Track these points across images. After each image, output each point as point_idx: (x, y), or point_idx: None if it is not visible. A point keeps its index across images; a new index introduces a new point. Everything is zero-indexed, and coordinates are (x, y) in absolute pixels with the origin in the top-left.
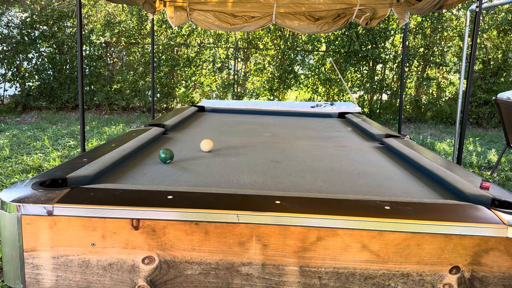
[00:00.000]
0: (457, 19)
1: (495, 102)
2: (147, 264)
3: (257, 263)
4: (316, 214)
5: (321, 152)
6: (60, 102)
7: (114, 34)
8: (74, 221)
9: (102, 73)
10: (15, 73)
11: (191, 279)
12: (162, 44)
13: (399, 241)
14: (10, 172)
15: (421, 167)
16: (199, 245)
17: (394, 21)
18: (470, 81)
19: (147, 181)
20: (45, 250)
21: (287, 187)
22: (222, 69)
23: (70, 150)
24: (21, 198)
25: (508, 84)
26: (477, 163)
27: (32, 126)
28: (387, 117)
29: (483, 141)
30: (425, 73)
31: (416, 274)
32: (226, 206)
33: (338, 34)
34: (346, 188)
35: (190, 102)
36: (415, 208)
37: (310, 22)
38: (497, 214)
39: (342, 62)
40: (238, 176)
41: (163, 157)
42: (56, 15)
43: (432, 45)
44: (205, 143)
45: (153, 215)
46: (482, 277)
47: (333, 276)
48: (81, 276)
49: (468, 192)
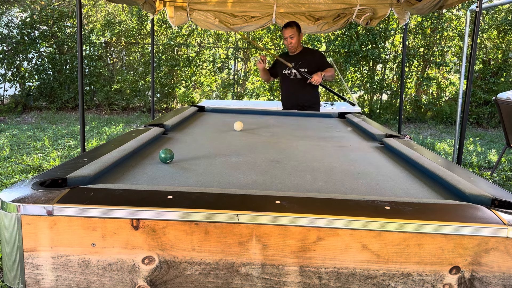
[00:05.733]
0: (457, 19)
1: (495, 102)
2: (147, 264)
3: (257, 263)
4: (316, 214)
5: (321, 152)
6: (60, 102)
7: (114, 34)
8: (74, 221)
9: (102, 73)
10: (15, 73)
11: (191, 279)
12: (162, 44)
13: (399, 241)
14: (10, 172)
15: (421, 167)
16: (199, 245)
17: (394, 21)
18: (470, 81)
19: (147, 181)
20: (45, 250)
21: (287, 187)
22: (222, 69)
23: (70, 150)
24: (21, 198)
25: (508, 84)
26: (477, 163)
27: (32, 126)
28: (387, 117)
29: (483, 141)
30: (425, 73)
31: (416, 274)
32: (226, 206)
33: (338, 34)
34: (346, 188)
35: (190, 102)
36: (415, 208)
37: (310, 22)
38: (497, 214)
39: (342, 62)
40: (238, 176)
41: (163, 157)
42: (56, 15)
43: (432, 45)
44: (237, 124)
45: (153, 215)
46: (482, 277)
47: (333, 276)
48: (81, 276)
49: (468, 192)
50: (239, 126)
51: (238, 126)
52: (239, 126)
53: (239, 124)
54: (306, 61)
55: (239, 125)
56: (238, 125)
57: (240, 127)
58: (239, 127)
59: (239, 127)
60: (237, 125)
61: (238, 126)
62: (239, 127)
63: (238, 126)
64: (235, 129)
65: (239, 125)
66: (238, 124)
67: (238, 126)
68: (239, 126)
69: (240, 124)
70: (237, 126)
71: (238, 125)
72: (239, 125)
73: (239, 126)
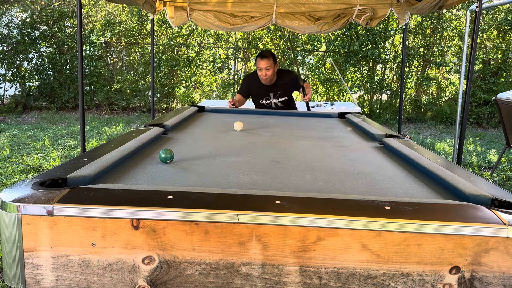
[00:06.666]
0: (457, 19)
1: (495, 102)
2: (147, 264)
3: (257, 263)
4: (316, 214)
5: (321, 152)
6: (60, 102)
7: (114, 34)
8: (74, 221)
9: (102, 73)
10: (15, 73)
11: (191, 279)
12: (162, 44)
13: (399, 241)
14: (10, 172)
15: (421, 167)
16: (199, 245)
17: (394, 21)
18: (470, 81)
19: (147, 181)
20: (45, 250)
21: (287, 187)
22: (222, 69)
23: (70, 150)
24: (21, 198)
25: (508, 84)
26: (477, 163)
27: (32, 126)
28: (387, 117)
29: (483, 141)
30: (425, 73)
31: (416, 274)
32: (226, 206)
33: (338, 34)
34: (346, 188)
35: (190, 102)
36: (415, 208)
37: (310, 22)
38: (497, 214)
39: (342, 62)
40: (238, 176)
41: (163, 157)
42: (56, 15)
43: (432, 45)
44: (237, 124)
45: (153, 215)
46: (482, 277)
47: (333, 276)
48: (81, 276)
49: (468, 192)
50: (239, 126)
51: (238, 126)
52: (239, 126)
53: (239, 124)
54: (284, 90)
55: (239, 125)
56: (238, 125)
57: (240, 127)
58: (239, 127)
59: (239, 127)
60: (237, 125)
61: (238, 126)
62: (239, 127)
63: (238, 126)
64: (235, 129)
65: (239, 125)
66: (238, 124)
67: (238, 126)
68: (239, 126)
69: (240, 124)
70: (237, 126)
71: (238, 125)
72: (239, 125)
73: (239, 126)
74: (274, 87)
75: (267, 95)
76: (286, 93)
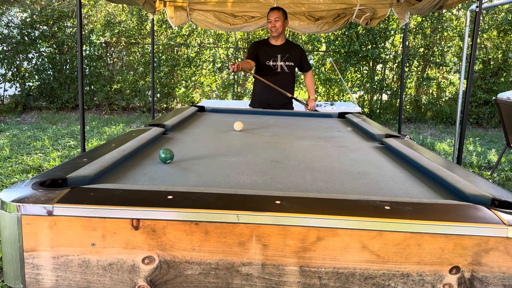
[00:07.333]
0: (457, 19)
1: (495, 102)
2: (147, 264)
3: (257, 263)
4: (316, 214)
5: (321, 152)
6: (60, 102)
7: (114, 34)
8: (74, 221)
9: (102, 73)
10: (15, 73)
11: (191, 279)
12: (162, 44)
13: (399, 241)
14: (10, 172)
15: (421, 167)
16: (199, 245)
17: (394, 21)
18: (470, 81)
19: (147, 181)
20: (45, 250)
21: (287, 187)
22: (222, 69)
23: (70, 150)
24: (21, 198)
25: (508, 84)
26: (477, 163)
27: (32, 126)
28: (387, 117)
29: (483, 141)
30: (425, 73)
31: (416, 274)
32: (226, 206)
33: (338, 34)
34: (346, 188)
35: (190, 102)
36: (415, 208)
37: (310, 22)
38: (497, 214)
39: (342, 62)
40: (238, 176)
41: (163, 157)
42: (56, 15)
43: (432, 45)
44: (237, 124)
45: (153, 215)
46: (482, 277)
47: (333, 276)
48: (81, 276)
49: (468, 192)
50: (239, 126)
51: (238, 126)
52: (239, 126)
53: (239, 124)
54: (292, 55)
55: (239, 125)
56: (238, 125)
57: (240, 127)
58: (239, 127)
59: (239, 127)
60: (237, 125)
61: (238, 126)
62: (239, 127)
63: (238, 126)
64: (235, 129)
65: (239, 125)
66: (238, 124)
67: (238, 126)
68: (239, 126)
69: (240, 124)
70: (237, 126)
71: (238, 125)
72: (239, 125)
73: (239, 126)
74: (282, 49)
75: (275, 56)
76: (293, 59)
